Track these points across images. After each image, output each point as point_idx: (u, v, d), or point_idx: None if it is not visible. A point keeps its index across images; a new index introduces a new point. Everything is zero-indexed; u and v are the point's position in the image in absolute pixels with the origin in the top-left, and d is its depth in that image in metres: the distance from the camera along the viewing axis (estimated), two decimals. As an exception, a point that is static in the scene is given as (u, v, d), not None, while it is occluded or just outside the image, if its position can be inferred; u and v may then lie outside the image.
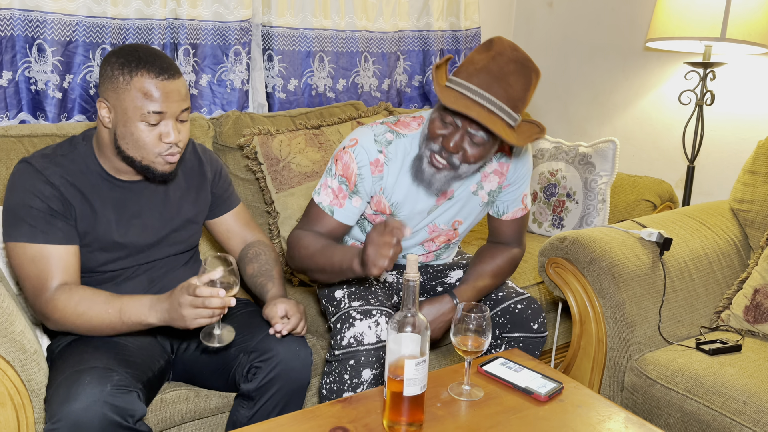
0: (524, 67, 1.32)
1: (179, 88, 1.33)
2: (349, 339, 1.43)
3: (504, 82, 1.30)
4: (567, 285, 1.78)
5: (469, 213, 1.60)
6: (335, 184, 1.49)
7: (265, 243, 1.63)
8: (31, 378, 1.24)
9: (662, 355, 1.64)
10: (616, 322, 1.68)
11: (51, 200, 1.32)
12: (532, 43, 3.15)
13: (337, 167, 1.48)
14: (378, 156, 1.47)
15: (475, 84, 1.30)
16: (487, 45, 1.35)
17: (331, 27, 2.49)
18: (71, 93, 1.99)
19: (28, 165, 1.34)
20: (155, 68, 1.29)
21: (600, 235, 1.77)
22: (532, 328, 1.58)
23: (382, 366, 1.43)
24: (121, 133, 1.32)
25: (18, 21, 1.86)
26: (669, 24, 2.21)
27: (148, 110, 1.29)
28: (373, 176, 1.48)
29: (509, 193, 1.60)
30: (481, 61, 1.32)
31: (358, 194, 1.49)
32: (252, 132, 2.07)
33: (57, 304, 1.28)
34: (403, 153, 1.48)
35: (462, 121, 1.34)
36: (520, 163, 1.56)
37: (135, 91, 1.29)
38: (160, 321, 1.29)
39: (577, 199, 2.49)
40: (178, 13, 2.12)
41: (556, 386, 1.32)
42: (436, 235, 1.64)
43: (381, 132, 1.48)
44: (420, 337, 1.13)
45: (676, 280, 1.78)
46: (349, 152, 1.47)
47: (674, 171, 2.65)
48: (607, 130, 2.88)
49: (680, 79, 2.54)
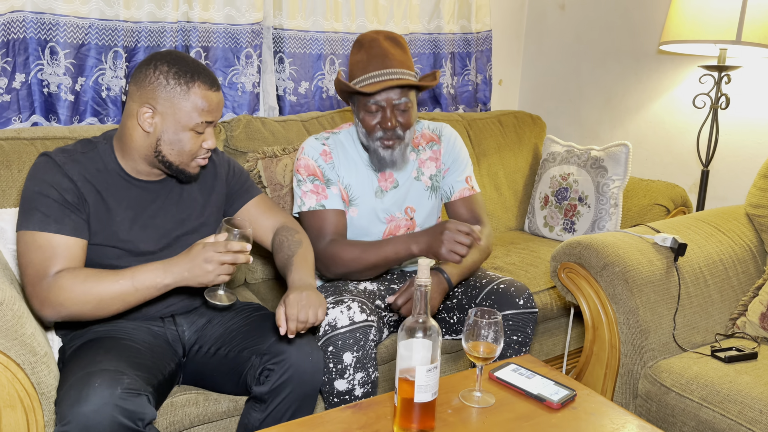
0: (394, 39, 1.60)
1: (221, 99, 1.42)
2: (324, 327, 1.50)
3: (389, 55, 1.57)
4: (579, 290, 1.76)
5: (418, 199, 1.76)
6: (309, 186, 1.65)
7: (287, 227, 1.61)
8: (41, 381, 1.24)
9: (677, 363, 1.62)
10: (630, 329, 1.66)
11: (67, 192, 1.33)
12: (543, 46, 3.13)
13: (301, 174, 1.67)
14: (323, 148, 1.69)
15: (373, 70, 1.56)
16: (358, 44, 1.61)
17: (342, 30, 2.48)
18: (83, 95, 2.00)
19: (49, 158, 1.36)
20: (208, 80, 1.37)
21: (613, 240, 1.75)
22: (518, 303, 1.63)
23: (363, 348, 1.48)
24: (168, 139, 1.37)
25: (31, 24, 1.87)
26: (683, 27, 2.19)
27: (202, 120, 1.36)
28: (327, 163, 1.68)
29: (450, 176, 1.78)
30: (364, 55, 1.58)
31: (331, 182, 1.67)
32: (256, 156, 2.06)
33: (62, 284, 1.26)
34: (342, 144, 1.71)
35: (385, 100, 1.57)
36: (449, 146, 1.78)
37: (193, 101, 1.35)
38: (176, 281, 1.30)
39: (589, 203, 2.47)
40: (189, 16, 2.12)
41: (569, 393, 1.30)
42: (395, 226, 1.74)
43: (319, 135, 1.73)
44: (431, 343, 1.12)
45: (690, 286, 1.76)
46: (302, 157, 1.68)
47: (688, 175, 2.62)
48: (619, 133, 2.85)
49: (694, 82, 2.52)
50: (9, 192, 1.64)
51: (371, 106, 1.58)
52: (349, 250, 1.59)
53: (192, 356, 1.51)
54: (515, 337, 1.63)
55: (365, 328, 1.49)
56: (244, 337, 1.46)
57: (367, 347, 1.49)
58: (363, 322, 1.50)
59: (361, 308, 1.52)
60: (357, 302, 1.53)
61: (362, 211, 1.71)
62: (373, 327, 1.51)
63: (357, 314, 1.50)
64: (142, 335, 1.43)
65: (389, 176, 1.72)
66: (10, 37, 1.84)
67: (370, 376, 1.50)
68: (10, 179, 1.65)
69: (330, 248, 1.60)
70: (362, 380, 1.49)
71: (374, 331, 1.52)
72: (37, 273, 1.29)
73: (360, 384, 1.49)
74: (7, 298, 1.21)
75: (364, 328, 1.49)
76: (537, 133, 2.88)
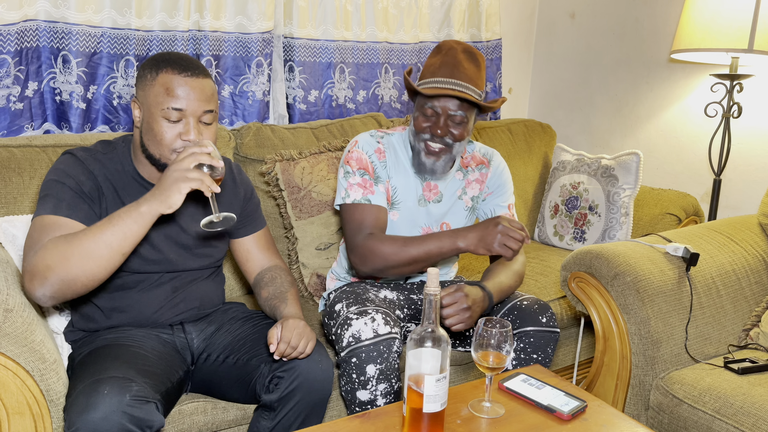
0: (471, 54, 1.60)
1: (202, 87, 1.35)
2: (348, 339, 1.48)
3: (461, 67, 1.57)
4: (590, 300, 1.74)
5: (456, 217, 1.76)
6: (358, 179, 1.64)
7: (281, 268, 1.63)
8: (50, 387, 1.24)
9: (689, 374, 1.60)
10: (641, 339, 1.64)
11: (84, 184, 1.35)
12: (553, 55, 3.13)
13: (352, 166, 1.65)
14: (377, 146, 1.69)
15: (440, 76, 1.57)
16: (437, 49, 1.63)
17: (352, 38, 2.49)
18: (95, 103, 2.01)
19: (72, 155, 1.40)
20: (179, 65, 1.34)
21: (624, 250, 1.73)
22: (541, 321, 1.59)
23: (386, 361, 1.46)
24: (145, 129, 1.37)
25: (44, 32, 1.88)
26: (695, 35, 2.18)
27: (168, 106, 1.32)
28: (380, 161, 1.67)
29: (493, 200, 1.78)
30: (438, 60, 1.60)
31: (380, 180, 1.66)
32: (274, 158, 2.06)
33: (47, 246, 1.22)
34: (394, 146, 1.71)
35: (441, 107, 1.57)
36: (497, 173, 1.79)
37: (158, 86, 1.33)
38: (150, 204, 1.23)
39: (600, 212, 2.45)
40: (201, 25, 2.14)
41: (580, 404, 1.29)
42: None
43: (373, 132, 1.73)
44: (440, 353, 1.11)
45: (703, 297, 1.74)
46: (355, 150, 1.67)
47: (700, 184, 2.60)
48: (630, 142, 2.84)
49: (706, 91, 2.50)
50: (20, 199, 1.65)
51: (428, 109, 1.59)
52: (390, 243, 1.57)
53: (200, 364, 1.51)
54: (535, 356, 1.59)
55: (389, 340, 1.47)
56: (252, 345, 1.46)
57: (391, 359, 1.47)
58: (387, 334, 1.47)
59: (385, 320, 1.49)
60: (381, 313, 1.50)
61: (402, 216, 1.71)
62: (396, 339, 1.49)
63: (381, 326, 1.48)
64: (151, 342, 1.43)
65: (434, 188, 1.72)
66: (24, 46, 1.85)
67: (393, 386, 1.49)
68: (22, 186, 1.66)
69: (369, 241, 1.58)
70: (385, 391, 1.48)
71: (398, 343, 1.50)
72: (30, 248, 1.26)
73: (383, 394, 1.47)
74: (17, 305, 1.22)
75: (387, 341, 1.47)
76: (547, 141, 2.87)
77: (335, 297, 1.65)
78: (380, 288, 1.74)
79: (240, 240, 1.63)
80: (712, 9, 2.13)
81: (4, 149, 1.68)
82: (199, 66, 1.37)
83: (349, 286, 1.71)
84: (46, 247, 1.23)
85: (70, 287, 1.23)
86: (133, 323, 1.47)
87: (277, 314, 1.49)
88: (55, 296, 1.23)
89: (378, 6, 2.52)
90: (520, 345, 1.59)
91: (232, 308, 1.62)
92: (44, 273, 1.21)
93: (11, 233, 1.53)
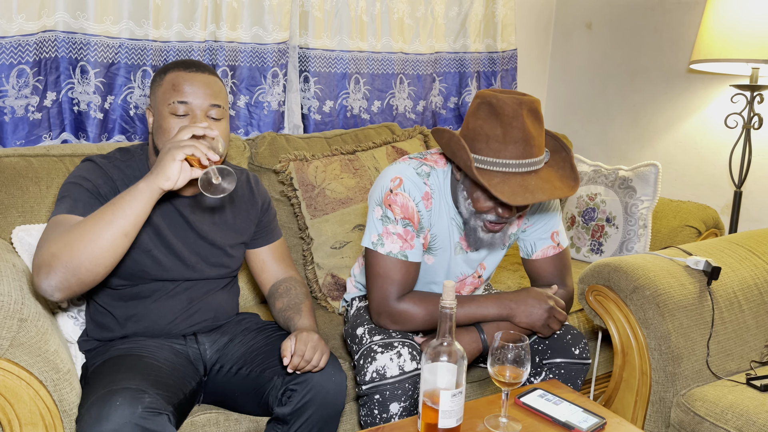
0: (535, 112, 1.32)
1: (208, 82, 1.37)
2: (372, 374, 1.39)
3: (530, 139, 1.30)
4: (608, 314, 1.71)
5: (493, 258, 1.63)
6: (400, 229, 1.44)
7: (296, 279, 1.62)
8: (63, 398, 1.23)
9: (711, 391, 1.56)
10: (662, 355, 1.60)
11: (102, 187, 1.37)
12: (569, 65, 3.11)
13: (394, 212, 1.44)
14: (425, 189, 1.45)
15: (509, 157, 1.30)
16: (490, 110, 1.31)
17: (367, 49, 2.49)
18: (112, 114, 2.02)
19: (90, 161, 1.42)
20: (185, 64, 1.38)
21: (643, 263, 1.70)
22: (574, 353, 1.51)
23: (411, 398, 1.39)
24: (155, 130, 1.39)
25: (62, 43, 1.90)
26: (714, 46, 2.15)
27: (174, 100, 1.34)
28: (427, 210, 1.47)
29: (534, 232, 1.59)
30: (499, 130, 1.29)
31: (422, 231, 1.49)
32: (288, 158, 2.06)
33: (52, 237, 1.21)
34: (440, 188, 1.48)
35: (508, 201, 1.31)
36: (536, 204, 1.56)
37: (166, 84, 1.37)
38: (147, 180, 1.21)
39: (617, 224, 2.42)
40: (217, 36, 2.15)
41: (598, 422, 1.26)
42: (461, 282, 1.63)
43: (417, 165, 1.47)
44: (456, 367, 1.09)
45: (724, 311, 1.70)
46: (400, 193, 1.44)
47: (720, 196, 2.56)
48: (648, 153, 2.80)
49: (726, 101, 2.46)
50: (37, 208, 1.66)
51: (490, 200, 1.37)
52: (423, 306, 1.45)
53: (213, 375, 1.50)
54: None
55: (415, 377, 1.38)
56: (266, 357, 1.45)
57: (416, 395, 1.39)
58: (413, 371, 1.39)
59: (412, 354, 1.40)
60: (407, 347, 1.41)
61: (438, 261, 1.56)
62: None
63: (407, 363, 1.39)
64: (164, 353, 1.43)
65: None
66: (42, 56, 1.87)
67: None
68: (39, 195, 1.67)
69: (402, 306, 1.45)
70: None
71: None
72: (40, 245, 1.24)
73: None
74: (31, 314, 1.21)
75: (413, 378, 1.38)
76: (563, 152, 2.84)
77: (357, 315, 1.61)
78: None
79: (256, 250, 1.62)
80: (732, 19, 2.10)
81: (22, 159, 1.69)
82: (206, 65, 1.40)
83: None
84: (52, 239, 1.21)
85: (75, 275, 1.18)
86: (147, 333, 1.47)
87: (290, 326, 1.47)
88: (61, 287, 1.18)
89: (393, 17, 2.52)
90: (549, 376, 1.52)
91: (245, 319, 1.61)
92: (49, 262, 1.17)
93: (27, 242, 1.54)
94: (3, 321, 1.16)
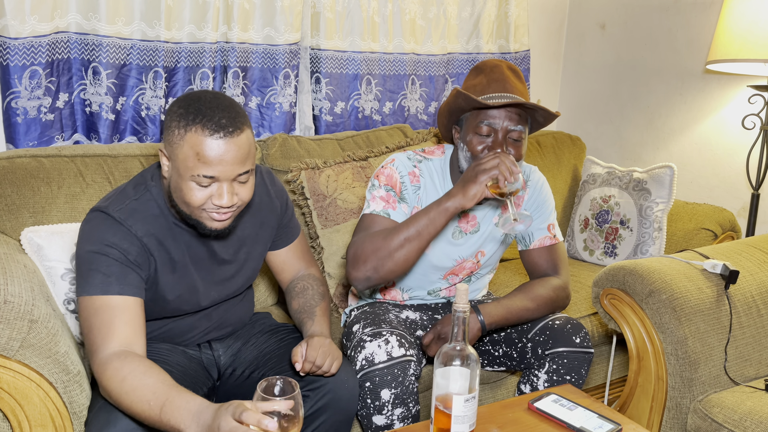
0: (515, 70, 1.53)
1: (239, 147, 1.18)
2: (361, 362, 1.43)
3: (510, 83, 1.50)
4: (623, 318, 1.69)
5: (492, 244, 1.67)
6: (383, 193, 1.56)
7: (314, 277, 1.57)
8: (73, 400, 1.23)
9: (729, 397, 1.53)
10: (678, 360, 1.57)
11: (129, 252, 1.25)
12: (582, 66, 3.08)
13: (380, 180, 1.57)
14: (413, 169, 1.59)
15: (493, 92, 1.49)
16: (477, 70, 1.55)
17: (378, 50, 2.48)
18: (124, 115, 2.02)
19: (106, 215, 1.26)
20: (211, 124, 1.16)
21: (659, 266, 1.67)
22: (575, 342, 1.53)
23: (402, 384, 1.41)
24: (174, 185, 1.23)
25: (75, 44, 1.91)
26: (731, 46, 2.12)
27: (200, 173, 1.17)
28: (413, 185, 1.58)
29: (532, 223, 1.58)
30: (484, 79, 1.52)
31: (405, 201, 1.56)
32: (299, 166, 2.03)
33: (106, 371, 1.16)
34: (432, 173, 1.61)
35: (499, 123, 1.47)
36: (536, 193, 1.66)
37: (187, 148, 1.17)
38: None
39: (632, 227, 2.39)
40: (228, 37, 2.14)
41: (614, 428, 1.23)
42: (460, 267, 1.66)
43: (411, 154, 1.63)
44: (469, 372, 1.07)
45: (742, 316, 1.67)
46: (388, 167, 1.59)
47: (736, 199, 2.52)
48: (662, 155, 2.77)
49: (743, 102, 2.43)
50: (48, 208, 1.66)
51: (483, 127, 1.46)
52: (376, 235, 1.45)
53: (226, 379, 1.49)
54: (569, 378, 1.52)
55: (404, 363, 1.42)
56: (278, 361, 1.44)
57: (407, 382, 1.42)
58: (401, 357, 1.42)
59: (400, 342, 1.44)
60: (395, 335, 1.45)
61: (434, 249, 1.61)
62: (412, 362, 1.44)
63: (395, 349, 1.43)
64: (177, 358, 1.42)
65: (472, 219, 1.62)
66: (55, 58, 1.88)
67: (411, 410, 1.44)
68: (50, 196, 1.67)
69: (356, 239, 1.48)
70: (402, 415, 1.43)
71: (414, 366, 1.44)
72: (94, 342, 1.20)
73: (399, 419, 1.43)
74: (42, 315, 1.21)
75: (402, 364, 1.42)
76: (576, 154, 2.82)
77: (354, 317, 1.62)
78: (402, 309, 1.70)
79: (276, 252, 1.56)
80: (749, 19, 2.07)
81: (33, 159, 1.69)
82: (233, 119, 1.19)
83: (370, 307, 1.67)
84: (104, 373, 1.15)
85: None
86: (159, 338, 1.46)
87: (303, 330, 1.44)
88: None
89: (405, 17, 2.51)
90: (552, 366, 1.53)
91: (259, 320, 1.60)
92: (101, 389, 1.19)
93: (36, 243, 1.54)
94: (14, 322, 1.16)
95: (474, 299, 1.77)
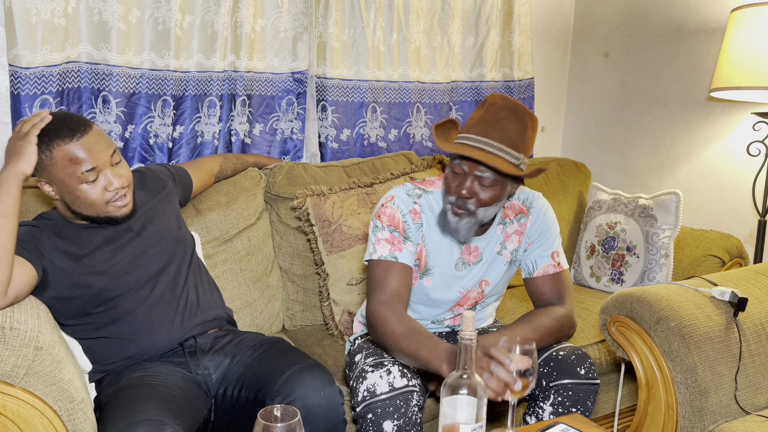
0: (516, 112, 1.44)
1: (97, 135, 1.40)
2: (363, 393, 1.40)
3: (499, 126, 1.42)
4: (631, 345, 1.67)
5: (495, 273, 1.65)
6: (387, 235, 1.53)
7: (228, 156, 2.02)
8: (77, 428, 1.22)
9: (740, 426, 1.50)
10: (688, 388, 1.55)
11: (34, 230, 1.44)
12: (586, 93, 3.10)
13: (382, 222, 1.55)
14: (413, 206, 1.57)
15: (473, 133, 1.44)
16: (483, 102, 1.49)
17: (384, 78, 2.51)
18: (132, 142, 2.05)
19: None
20: (65, 133, 1.36)
21: (667, 293, 1.66)
22: (580, 373, 1.49)
23: (405, 416, 1.38)
24: (70, 199, 1.41)
25: (85, 74, 1.94)
26: (734, 73, 2.13)
27: (82, 171, 1.37)
28: (415, 223, 1.56)
29: (535, 250, 1.63)
30: (477, 115, 1.46)
31: (409, 239, 1.55)
32: (305, 193, 2.05)
33: None
34: (431, 207, 1.59)
35: (468, 166, 1.44)
36: (539, 220, 1.63)
37: (61, 160, 1.36)
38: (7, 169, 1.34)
39: (638, 254, 2.38)
40: (236, 66, 2.18)
41: (624, 458, 1.21)
42: (465, 298, 1.64)
43: (410, 188, 1.60)
44: (476, 400, 1.06)
45: (752, 344, 1.65)
46: (389, 206, 1.56)
47: (743, 225, 2.51)
48: (668, 181, 2.77)
49: (748, 129, 2.43)
50: (56, 236, 1.67)
51: (456, 166, 1.46)
52: (394, 325, 1.41)
53: (219, 400, 1.49)
54: (574, 410, 1.49)
55: (406, 393, 1.39)
56: (258, 378, 1.44)
57: (410, 413, 1.38)
58: (404, 387, 1.39)
59: (402, 372, 1.41)
60: (398, 365, 1.43)
61: (437, 281, 1.60)
62: (415, 392, 1.41)
63: (397, 379, 1.40)
64: (176, 380, 1.41)
65: (474, 250, 1.60)
66: (65, 86, 1.90)
67: None
68: (58, 223, 1.68)
69: (381, 310, 1.45)
70: None
71: (417, 396, 1.41)
72: None
73: None
74: (47, 342, 1.21)
75: (405, 394, 1.38)
76: (581, 180, 2.82)
77: (358, 346, 1.61)
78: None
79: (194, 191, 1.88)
80: (752, 47, 2.08)
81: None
82: (79, 121, 1.39)
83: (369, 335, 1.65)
84: None
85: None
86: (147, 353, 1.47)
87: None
88: None
89: (410, 46, 2.54)
90: (557, 399, 1.49)
91: (246, 337, 1.60)
92: None
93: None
94: (19, 348, 1.16)
95: (480, 327, 1.76)
